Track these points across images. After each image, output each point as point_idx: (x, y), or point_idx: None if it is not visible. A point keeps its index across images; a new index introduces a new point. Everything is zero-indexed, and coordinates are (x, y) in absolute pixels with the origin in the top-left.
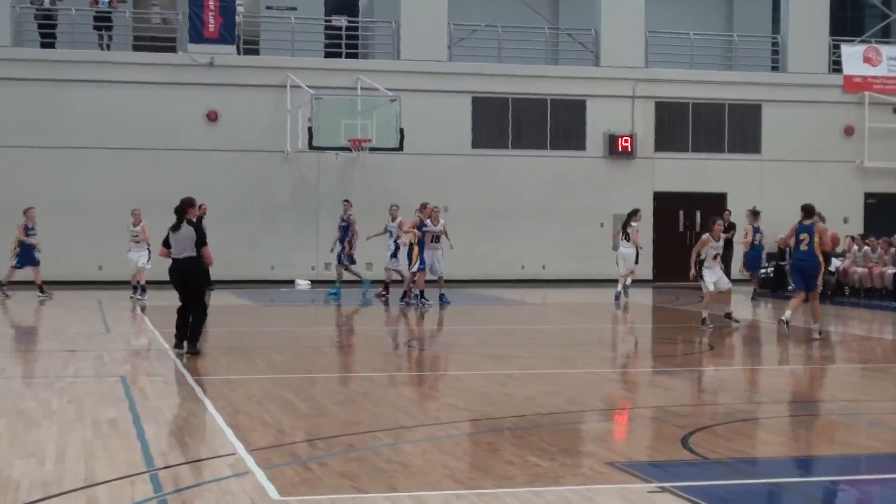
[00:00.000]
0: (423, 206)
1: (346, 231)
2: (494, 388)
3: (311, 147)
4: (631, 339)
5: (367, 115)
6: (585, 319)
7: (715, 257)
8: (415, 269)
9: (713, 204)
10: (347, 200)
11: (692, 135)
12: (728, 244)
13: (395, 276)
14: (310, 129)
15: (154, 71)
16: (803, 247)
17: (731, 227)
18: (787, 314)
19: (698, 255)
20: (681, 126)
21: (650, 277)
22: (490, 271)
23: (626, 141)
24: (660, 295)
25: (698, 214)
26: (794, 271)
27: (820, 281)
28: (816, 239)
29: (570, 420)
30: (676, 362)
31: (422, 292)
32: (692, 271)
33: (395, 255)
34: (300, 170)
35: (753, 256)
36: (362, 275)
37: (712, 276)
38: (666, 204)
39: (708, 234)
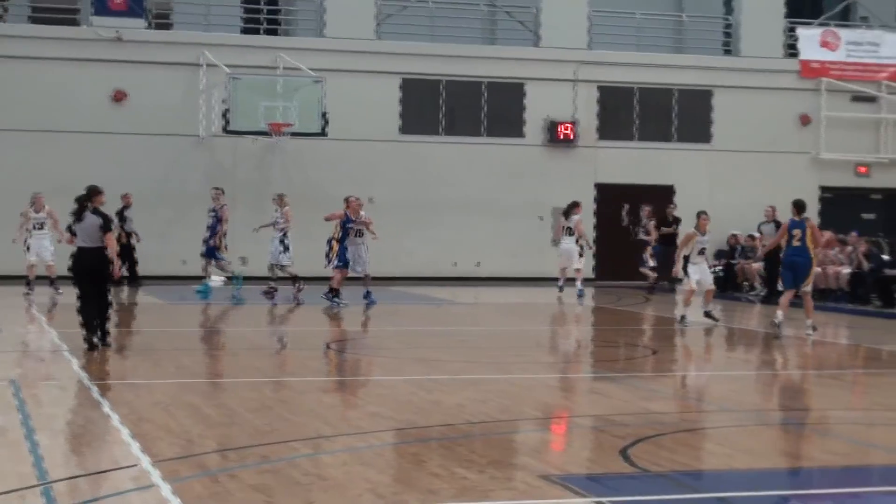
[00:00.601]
0: (348, 200)
1: (217, 223)
2: (421, 394)
3: (226, 131)
4: (570, 342)
5: (288, 96)
6: (521, 320)
7: (701, 252)
8: (333, 265)
9: (660, 197)
10: (218, 188)
11: (638, 122)
12: (672, 240)
13: (280, 273)
14: (225, 111)
15: (54, 46)
16: (795, 242)
17: (674, 222)
18: (780, 316)
19: (684, 250)
20: (626, 113)
21: (591, 276)
22: (418, 268)
23: (567, 128)
24: (601, 295)
25: (643, 209)
26: (786, 268)
27: (811, 279)
28: (809, 234)
29: (503, 430)
30: (618, 367)
31: (336, 291)
32: (677, 267)
33: (284, 249)
34: (215, 156)
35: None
36: (235, 270)
37: (696, 273)
38: (609, 196)
39: (693, 230)
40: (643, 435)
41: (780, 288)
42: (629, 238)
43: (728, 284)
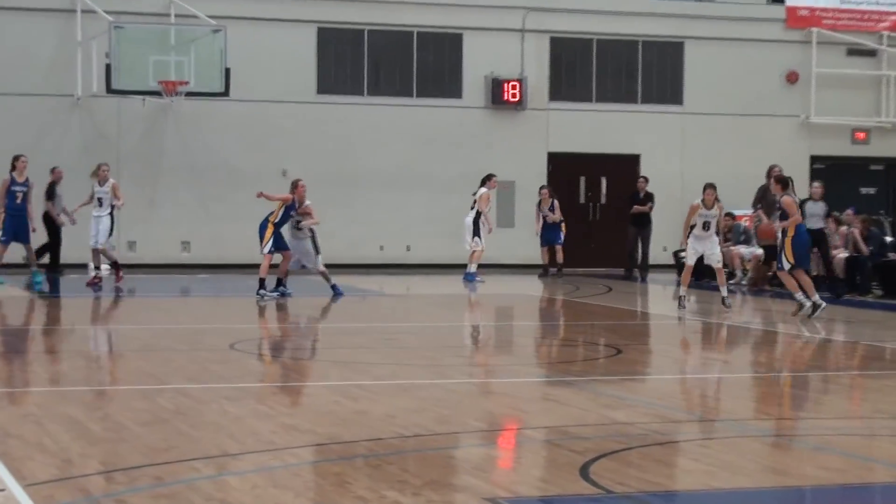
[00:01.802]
0: (295, 185)
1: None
2: (345, 403)
3: (109, 90)
4: (519, 341)
5: (184, 49)
6: (460, 315)
7: (705, 226)
8: (265, 250)
9: (623, 168)
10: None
11: (596, 80)
12: (646, 220)
13: (101, 259)
14: (108, 66)
15: None
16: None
17: (648, 198)
18: (816, 298)
19: (689, 224)
20: (583, 69)
21: (539, 262)
22: (339, 253)
23: (513, 87)
24: (555, 285)
25: (604, 182)
26: (804, 247)
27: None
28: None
29: (441, 444)
30: (576, 370)
31: (262, 281)
32: (683, 240)
33: (111, 232)
34: (95, 120)
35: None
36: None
37: (697, 248)
38: (564, 168)
39: (698, 201)
40: (606, 449)
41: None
42: (589, 217)
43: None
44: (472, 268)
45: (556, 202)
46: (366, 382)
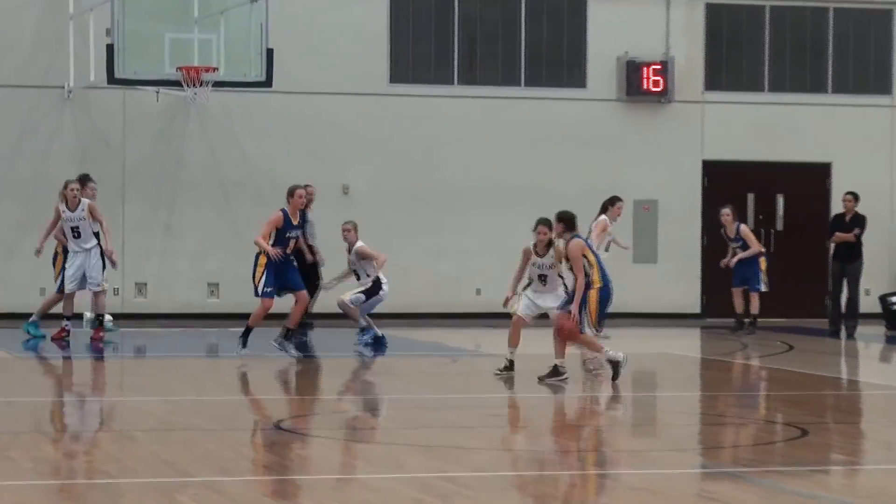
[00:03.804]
0: (291, 192)
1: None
2: (430, 502)
3: (111, 80)
4: (665, 419)
5: (210, 25)
6: (583, 384)
7: None
8: (259, 292)
9: (808, 181)
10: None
11: (770, 62)
12: (854, 252)
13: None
14: (109, 48)
15: None
16: None
17: (856, 222)
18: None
19: None
20: (751, 47)
21: (697, 311)
22: (420, 299)
23: (655, 73)
24: (712, 339)
25: (780, 200)
26: None
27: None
28: None
29: None
30: (744, 458)
31: (290, 331)
32: None
33: (104, 265)
34: (93, 120)
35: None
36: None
37: None
38: (724, 182)
39: None
40: None
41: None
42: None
43: None
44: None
45: (741, 227)
46: (458, 474)
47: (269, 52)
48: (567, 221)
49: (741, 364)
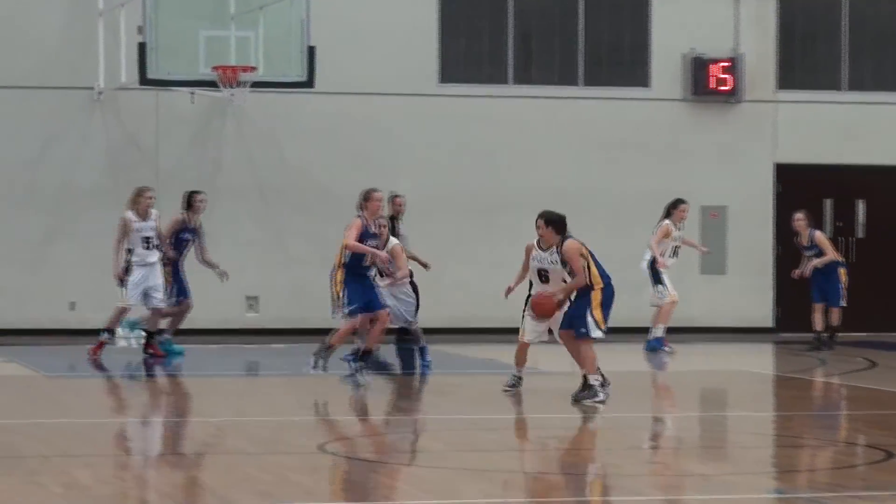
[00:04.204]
0: (367, 195)
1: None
2: None
3: (143, 81)
4: (736, 440)
5: (248, 21)
6: (645, 402)
7: None
8: (345, 310)
9: (890, 185)
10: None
11: (850, 58)
12: None
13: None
14: (141, 46)
15: None
16: None
17: None
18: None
19: None
20: (828, 42)
21: (769, 325)
22: (474, 312)
23: (724, 70)
24: (787, 356)
25: (861, 206)
26: None
27: None
28: None
29: None
30: (822, 483)
31: (367, 352)
32: None
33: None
34: (124, 123)
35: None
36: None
37: None
38: (800, 186)
39: None
40: None
41: None
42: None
43: None
44: (659, 331)
45: (816, 234)
46: (516, 500)
47: (311, 50)
48: (555, 224)
49: (819, 382)
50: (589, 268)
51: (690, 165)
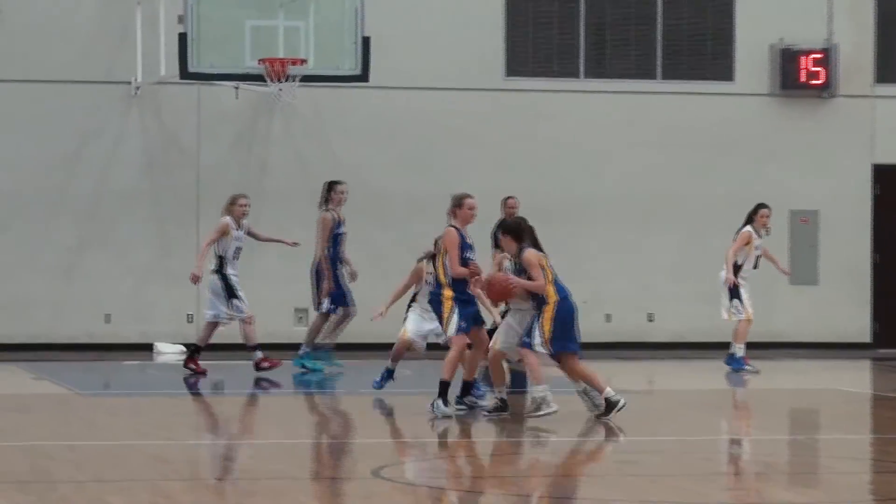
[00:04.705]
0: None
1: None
2: None
3: (184, 75)
4: (828, 465)
5: (298, 10)
6: (727, 422)
7: None
8: (450, 331)
9: None
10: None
11: None
12: None
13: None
14: (182, 38)
15: None
16: None
17: None
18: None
19: None
20: None
21: (867, 339)
22: None
23: (815, 63)
24: (887, 374)
25: None
26: None
27: None
28: None
29: None
30: None
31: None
32: None
33: (231, 294)
34: (163, 121)
35: None
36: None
37: None
38: None
39: None
40: None
41: None
42: None
43: None
44: (738, 349)
45: None
46: None
47: (366, 42)
48: (512, 232)
49: None
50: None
51: (778, 167)
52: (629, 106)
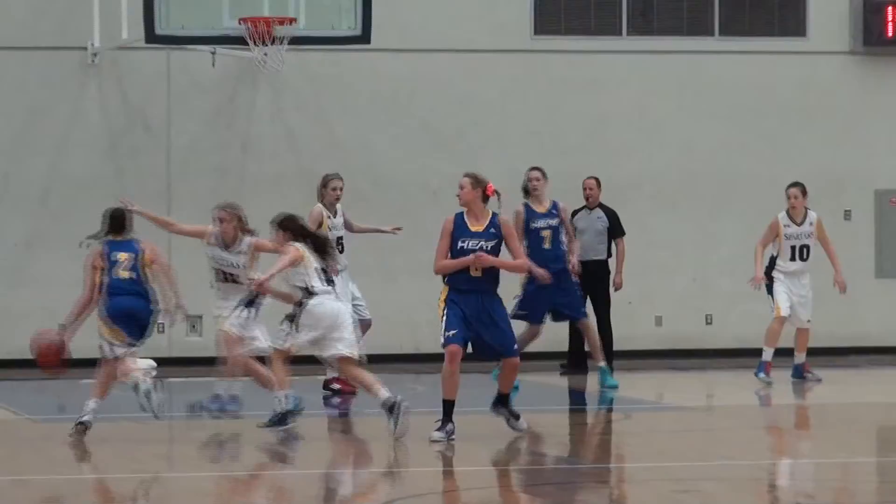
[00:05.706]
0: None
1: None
2: None
3: (150, 39)
4: None
5: None
6: (795, 442)
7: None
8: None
9: None
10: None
11: None
12: None
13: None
14: None
15: None
16: None
17: None
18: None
19: None
20: None
21: None
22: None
23: None
24: None
25: None
26: None
27: None
28: None
29: None
30: None
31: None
32: None
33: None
34: (127, 93)
35: None
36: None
37: None
38: None
39: None
40: None
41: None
42: None
43: None
44: (800, 357)
45: None
46: None
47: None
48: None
49: None
50: None
51: (860, 138)
52: (681, 69)
